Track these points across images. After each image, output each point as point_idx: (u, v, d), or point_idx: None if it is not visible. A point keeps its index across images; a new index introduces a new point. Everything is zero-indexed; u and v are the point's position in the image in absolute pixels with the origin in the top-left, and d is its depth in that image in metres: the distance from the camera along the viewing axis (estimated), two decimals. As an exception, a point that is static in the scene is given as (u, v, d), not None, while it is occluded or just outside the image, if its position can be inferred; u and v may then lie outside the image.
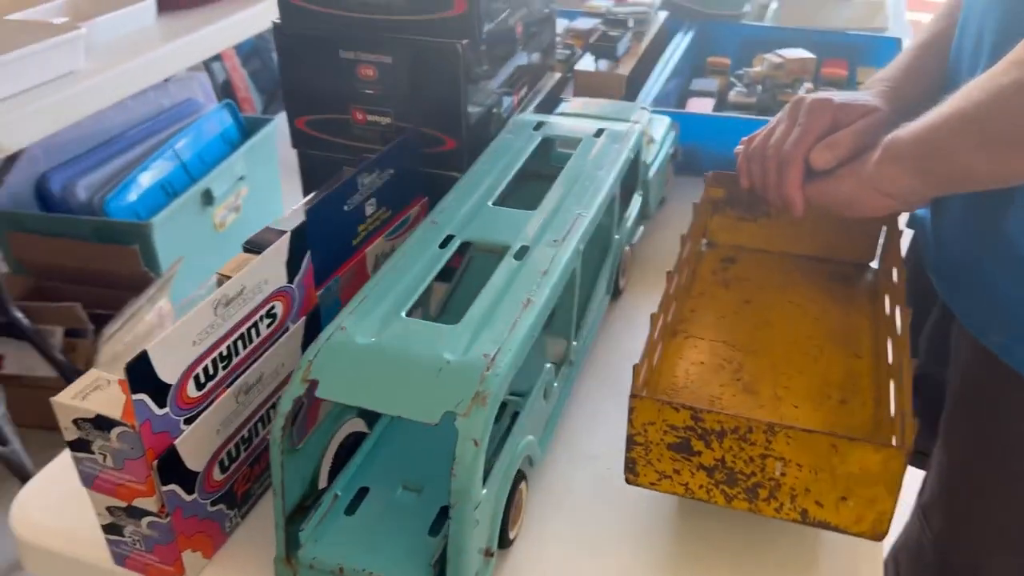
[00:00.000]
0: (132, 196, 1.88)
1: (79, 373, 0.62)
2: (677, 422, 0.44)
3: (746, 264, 0.69)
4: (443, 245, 0.58)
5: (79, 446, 0.47)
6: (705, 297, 0.65)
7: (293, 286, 0.56)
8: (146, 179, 1.92)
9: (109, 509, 0.49)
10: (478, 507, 0.45)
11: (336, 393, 0.46)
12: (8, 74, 1.28)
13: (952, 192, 0.59)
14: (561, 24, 1.11)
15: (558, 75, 0.94)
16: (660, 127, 0.88)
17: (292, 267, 0.55)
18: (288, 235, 0.54)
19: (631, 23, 1.03)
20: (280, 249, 0.53)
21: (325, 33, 0.70)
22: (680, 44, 1.13)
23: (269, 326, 0.54)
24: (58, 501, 0.56)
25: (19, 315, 1.57)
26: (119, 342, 1.58)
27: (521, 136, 0.73)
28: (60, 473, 0.58)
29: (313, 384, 0.46)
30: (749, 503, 0.46)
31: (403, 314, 0.51)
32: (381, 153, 0.65)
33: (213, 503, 0.52)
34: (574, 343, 0.62)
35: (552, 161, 0.77)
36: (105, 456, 0.46)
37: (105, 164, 1.92)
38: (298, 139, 0.77)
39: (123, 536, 0.50)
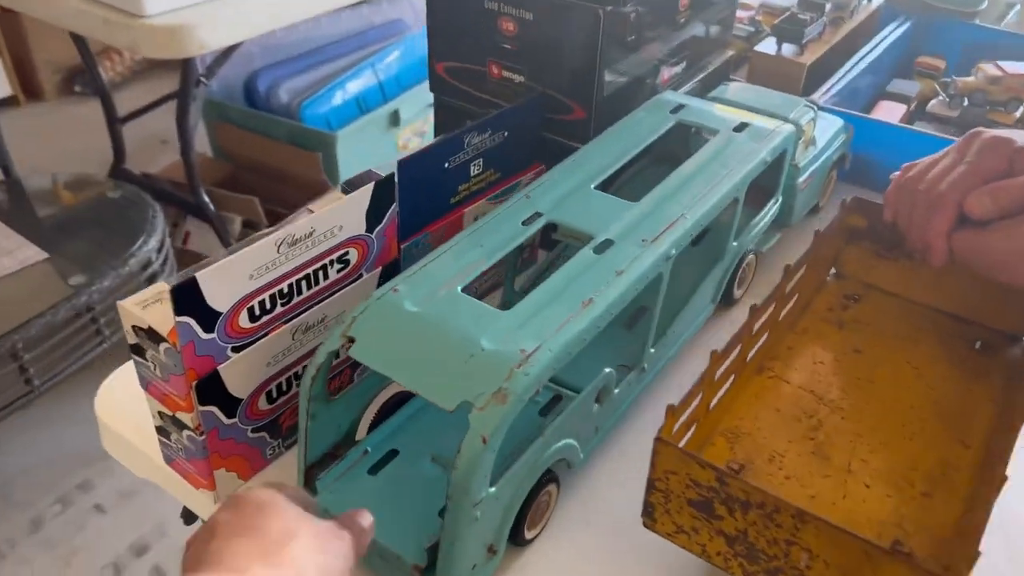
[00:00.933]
0: (327, 106, 1.97)
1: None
2: (701, 479, 0.40)
3: (872, 306, 0.61)
4: (528, 222, 0.55)
5: (137, 350, 0.50)
6: (809, 335, 0.58)
7: (372, 235, 0.55)
8: (342, 91, 2.00)
9: (159, 414, 0.52)
10: (478, 504, 0.43)
11: (366, 356, 0.46)
12: (223, -24, 1.36)
13: None
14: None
15: (730, 53, 0.87)
16: (828, 129, 0.79)
17: (373, 216, 0.55)
18: (371, 186, 0.53)
19: (829, 7, 0.92)
20: (361, 199, 0.53)
21: (473, -20, 0.68)
22: (887, 37, 1.01)
23: (340, 271, 0.54)
24: (135, 393, 0.60)
25: (206, 199, 1.71)
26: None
27: (655, 117, 0.68)
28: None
29: (350, 341, 0.46)
30: None
31: (459, 289, 0.49)
32: (496, 114, 0.63)
33: (255, 430, 0.53)
34: (651, 350, 0.58)
35: (690, 148, 0.71)
36: (155, 366, 0.49)
37: (309, 71, 2.02)
38: (435, 83, 0.76)
39: (169, 440, 0.53)
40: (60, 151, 2.39)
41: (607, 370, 0.53)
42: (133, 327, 0.48)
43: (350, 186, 0.57)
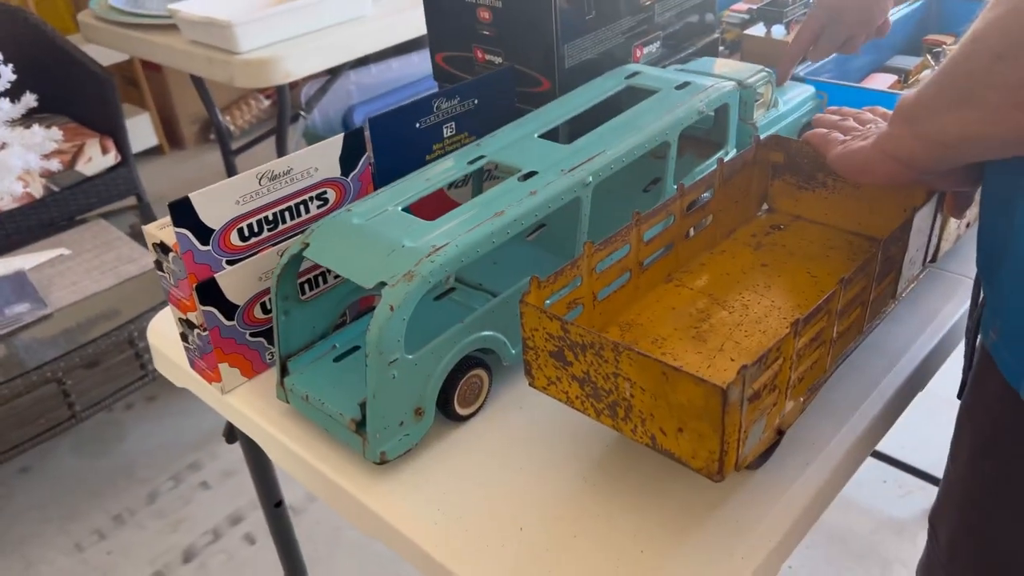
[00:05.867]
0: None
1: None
2: (553, 331, 0.49)
3: (794, 232, 0.67)
4: (472, 162, 0.66)
5: (157, 265, 0.64)
6: (726, 255, 0.65)
7: (348, 179, 0.68)
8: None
9: (179, 320, 0.66)
10: (393, 364, 0.54)
11: (316, 255, 0.58)
12: (308, 15, 1.56)
13: (948, 161, 0.52)
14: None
15: (716, 35, 0.95)
16: (797, 96, 0.86)
17: (347, 163, 0.67)
18: (342, 136, 0.66)
19: (814, -11, 0.99)
20: (333, 145, 0.66)
21: (454, -22, 0.81)
22: (892, 16, 1.06)
23: (320, 207, 0.67)
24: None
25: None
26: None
27: (610, 82, 0.77)
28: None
29: (306, 246, 0.58)
30: (612, 420, 0.49)
31: (399, 208, 0.61)
32: (465, 83, 0.74)
33: (253, 335, 0.66)
34: (583, 270, 0.67)
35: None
36: (169, 276, 0.63)
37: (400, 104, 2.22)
38: (437, 72, 0.88)
39: (188, 343, 0.67)
40: (195, 186, 2.69)
41: (527, 279, 0.62)
42: (153, 244, 0.63)
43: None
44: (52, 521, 1.54)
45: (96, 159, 1.90)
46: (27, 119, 1.52)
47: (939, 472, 1.43)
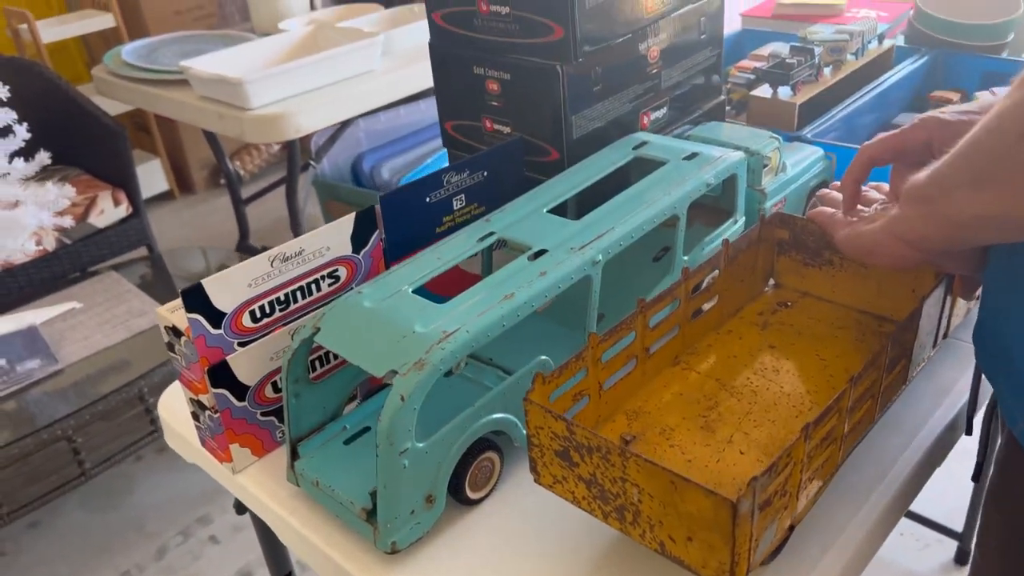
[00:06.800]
0: (423, 181, 2.17)
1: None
2: (558, 431, 0.48)
3: (801, 310, 0.67)
4: (482, 239, 0.66)
5: (169, 347, 0.64)
6: (732, 335, 0.65)
7: (359, 256, 0.68)
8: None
9: (190, 400, 0.66)
10: (404, 454, 0.54)
11: (326, 340, 0.58)
12: (318, 70, 1.58)
13: (959, 242, 0.52)
14: (767, 49, 1.11)
15: (722, 98, 0.96)
16: (805, 158, 0.87)
17: (358, 240, 0.68)
18: (354, 215, 0.66)
19: (819, 51, 1.00)
20: (345, 224, 0.66)
21: (463, 51, 0.81)
22: (896, 74, 1.07)
23: (331, 284, 0.67)
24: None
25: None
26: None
27: (618, 153, 0.78)
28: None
29: (317, 330, 0.58)
30: (620, 523, 0.48)
31: (410, 290, 0.61)
32: (475, 156, 0.75)
33: (264, 414, 0.66)
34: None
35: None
36: (181, 358, 0.63)
37: (408, 151, 2.24)
38: (446, 139, 0.89)
39: (199, 423, 0.67)
40: (206, 233, 2.72)
41: (542, 357, 0.62)
42: (165, 327, 0.63)
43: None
44: (61, 578, 1.53)
45: (108, 211, 1.91)
46: (40, 172, 1.54)
47: (955, 524, 1.42)
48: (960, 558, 1.45)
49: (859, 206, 0.63)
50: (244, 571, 1.51)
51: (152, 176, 3.01)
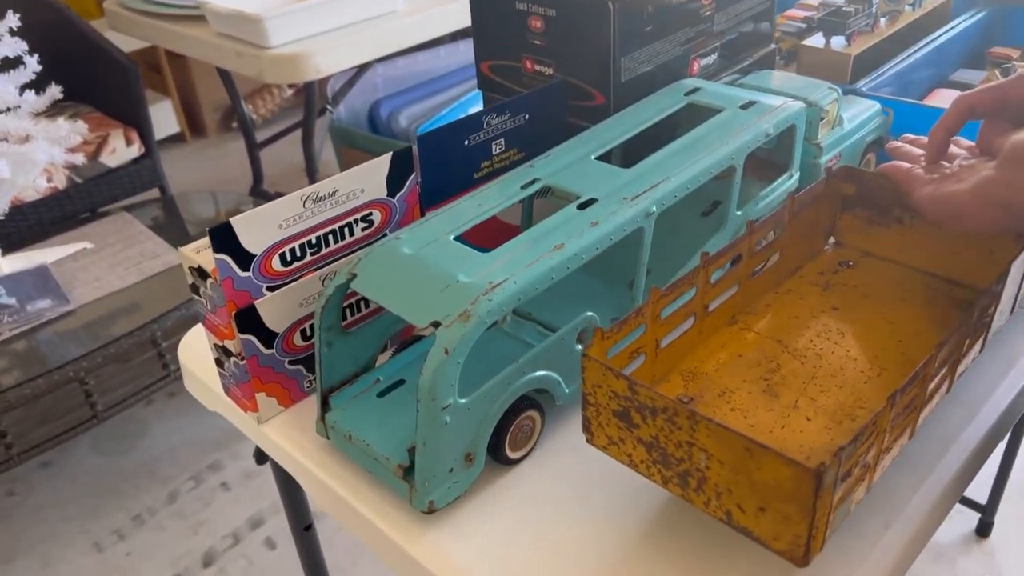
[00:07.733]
0: (442, 129, 2.12)
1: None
2: (618, 390, 0.45)
3: (865, 270, 0.63)
4: (526, 186, 0.62)
5: (193, 289, 0.60)
6: (792, 295, 0.61)
7: (395, 200, 0.64)
8: (456, 116, 2.14)
9: (214, 346, 0.63)
10: (446, 409, 0.50)
11: (363, 287, 0.54)
12: (339, 10, 1.52)
13: None
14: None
15: (773, 47, 0.90)
16: (862, 112, 0.82)
17: (394, 183, 0.64)
18: (389, 155, 0.62)
19: (875, 0, 0.94)
20: (380, 166, 0.62)
21: (505, -15, 0.76)
22: (953, 29, 1.01)
23: (365, 229, 0.63)
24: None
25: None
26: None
27: (669, 99, 0.73)
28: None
29: (353, 276, 0.55)
30: (682, 490, 0.45)
31: (451, 237, 0.57)
32: (516, 98, 0.70)
33: (292, 362, 0.63)
34: (636, 302, 0.63)
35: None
36: (206, 301, 0.60)
37: (426, 99, 2.18)
38: (482, 81, 0.84)
39: (224, 370, 0.64)
40: (218, 178, 2.67)
41: (588, 313, 0.59)
42: (189, 268, 0.59)
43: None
44: (72, 520, 1.52)
45: (120, 150, 1.87)
46: (51, 108, 1.49)
47: (979, 497, 1.39)
48: (982, 530, 1.43)
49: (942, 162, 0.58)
50: (255, 519, 1.50)
51: (163, 118, 2.95)
